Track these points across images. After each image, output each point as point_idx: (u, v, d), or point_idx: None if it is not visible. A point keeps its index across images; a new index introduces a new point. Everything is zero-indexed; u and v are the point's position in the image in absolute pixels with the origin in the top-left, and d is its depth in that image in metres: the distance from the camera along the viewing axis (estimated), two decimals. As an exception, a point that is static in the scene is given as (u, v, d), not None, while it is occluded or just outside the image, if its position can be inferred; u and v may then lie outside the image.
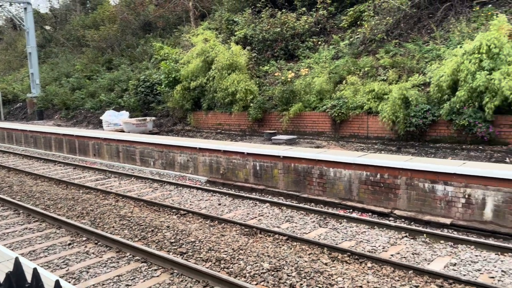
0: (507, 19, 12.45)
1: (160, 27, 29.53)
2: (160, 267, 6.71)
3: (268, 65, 18.16)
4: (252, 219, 9.13)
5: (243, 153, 12.05)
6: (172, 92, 18.90)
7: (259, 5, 20.11)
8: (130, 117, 20.61)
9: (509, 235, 7.53)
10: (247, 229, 8.32)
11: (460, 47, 11.47)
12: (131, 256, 7.20)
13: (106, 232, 8.36)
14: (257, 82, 17.18)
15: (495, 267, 6.33)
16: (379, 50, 15.28)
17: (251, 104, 16.03)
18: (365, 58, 15.21)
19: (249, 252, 7.13)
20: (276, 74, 16.99)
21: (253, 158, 11.81)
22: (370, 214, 9.20)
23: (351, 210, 9.50)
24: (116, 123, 19.93)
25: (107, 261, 7.05)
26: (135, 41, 29.87)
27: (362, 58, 15.41)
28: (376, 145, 12.56)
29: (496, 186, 7.77)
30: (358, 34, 16.69)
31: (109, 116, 20.28)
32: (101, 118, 20.85)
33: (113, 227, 8.80)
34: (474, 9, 14.48)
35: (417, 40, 14.67)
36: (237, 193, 11.15)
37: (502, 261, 6.55)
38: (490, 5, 14.36)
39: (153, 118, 19.61)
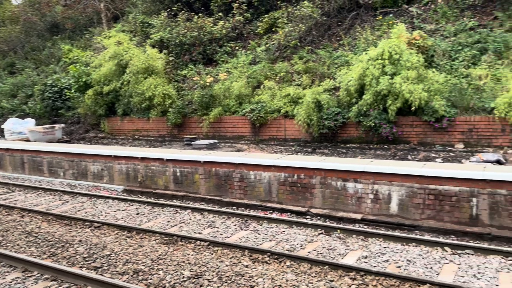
0: (406, 28, 13.67)
1: (69, 29, 27.75)
2: (72, 284, 6.26)
3: (187, 69, 17.95)
4: (173, 227, 8.92)
5: (162, 159, 11.74)
6: (83, 97, 17.84)
7: (175, 8, 19.82)
8: (37, 124, 19.04)
9: (413, 226, 8.22)
10: (167, 238, 8.10)
11: (366, 53, 12.33)
12: (39, 275, 6.63)
13: (10, 250, 7.61)
14: (176, 87, 16.89)
15: (401, 257, 6.87)
16: (293, 56, 15.88)
17: (170, 109, 15.70)
18: (281, 63, 15.71)
19: (169, 261, 6.94)
20: (195, 78, 16.84)
21: (173, 164, 11.57)
22: (289, 213, 9.49)
23: (271, 211, 9.71)
24: (20, 131, 18.27)
25: (11, 282, 6.42)
26: (41, 44, 27.73)
27: (278, 63, 15.89)
28: (293, 147, 13.00)
29: (399, 181, 8.45)
30: (273, 41, 17.18)
31: (12, 125, 18.53)
32: (2, 126, 18.99)
33: (18, 244, 8.04)
34: (377, 18, 15.68)
35: (328, 47, 15.50)
36: (157, 201, 10.82)
37: (407, 251, 7.12)
38: (391, 15, 15.66)
39: (63, 125, 18.34)
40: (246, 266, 6.66)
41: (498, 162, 9.19)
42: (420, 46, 12.28)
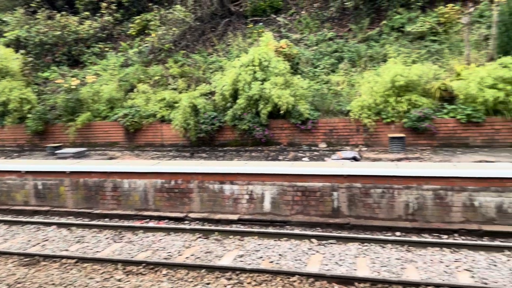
0: (274, 36, 14.52)
1: None
2: None
3: (49, 71, 16.35)
4: (34, 246, 8.01)
5: (19, 171, 10.48)
6: None
7: (33, 4, 17.93)
8: None
9: (284, 222, 8.74)
10: (27, 259, 7.25)
11: (238, 59, 12.75)
12: None
13: None
14: (36, 90, 15.26)
15: (274, 252, 7.24)
16: (168, 59, 15.65)
17: (29, 115, 14.11)
18: (155, 66, 15.34)
19: (29, 285, 6.21)
20: (58, 81, 15.41)
21: (33, 176, 10.41)
22: (167, 221, 9.28)
23: (148, 220, 9.38)
24: None
25: None
26: None
27: (152, 66, 15.49)
28: (171, 152, 12.78)
29: (271, 181, 8.91)
30: (146, 43, 16.70)
31: None
32: None
33: None
34: (248, 26, 16.36)
35: (203, 52, 15.64)
36: (14, 219, 9.61)
37: (279, 246, 7.53)
38: (261, 23, 16.49)
39: None
40: (119, 280, 6.31)
41: (355, 158, 10.31)
42: (287, 54, 13.16)
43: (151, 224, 9.05)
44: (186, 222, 9.16)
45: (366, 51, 13.99)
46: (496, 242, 7.19)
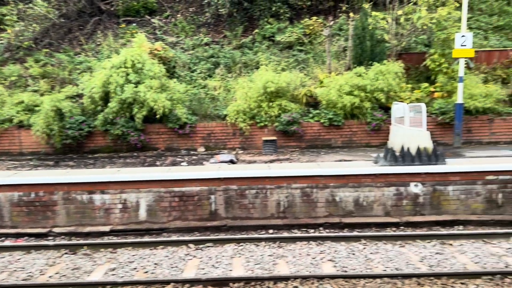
0: (149, 38, 14.12)
1: None
2: None
3: None
4: None
5: None
6: None
7: None
8: None
9: (161, 230, 8.50)
10: None
11: (109, 60, 12.07)
12: None
13: None
14: None
15: (149, 261, 6.99)
16: (27, 58, 14.07)
17: None
18: (12, 66, 13.67)
19: None
20: None
21: None
22: (26, 238, 8.30)
23: (3, 238, 8.27)
24: None
25: None
26: None
27: (8, 66, 13.76)
28: (31, 161, 11.48)
29: (147, 188, 8.61)
30: (1, 40, 14.79)
31: None
32: None
33: None
34: (121, 26, 15.62)
35: (69, 51, 14.44)
36: None
37: (154, 254, 7.30)
38: (134, 24, 15.88)
39: None
40: (-37, 312, 5.43)
41: (232, 161, 10.57)
42: (162, 57, 12.91)
43: (8, 242, 8.00)
44: (50, 238, 8.31)
45: (241, 58, 14.48)
46: (354, 233, 8.04)
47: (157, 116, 11.40)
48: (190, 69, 14.18)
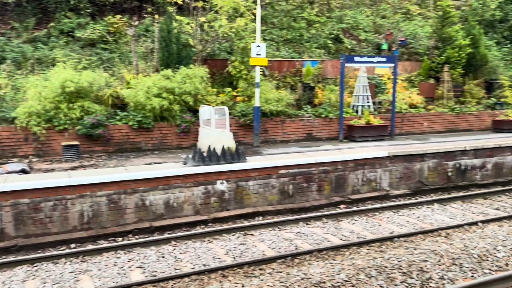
0: None
1: None
2: None
3: None
4: None
5: None
6: None
7: None
8: None
9: None
10: None
11: None
12: None
13: None
14: None
15: None
16: None
17: None
18: None
19: None
20: None
21: None
22: None
23: None
24: None
25: None
26: None
27: None
28: None
29: None
30: None
31: None
32: None
33: None
34: None
35: None
36: None
37: None
38: None
39: None
40: None
41: (24, 171, 9.20)
42: None
43: None
44: None
45: (33, 53, 12.77)
46: (165, 235, 7.99)
47: None
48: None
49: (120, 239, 7.95)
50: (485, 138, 13.50)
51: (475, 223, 8.48)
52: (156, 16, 14.05)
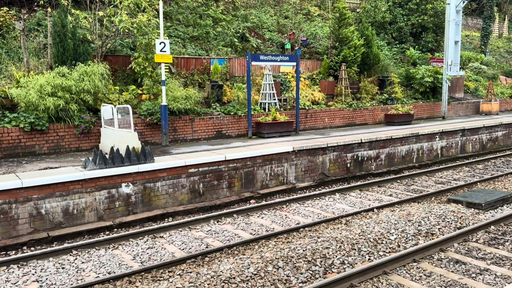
0: None
1: None
2: None
3: None
4: None
5: None
6: None
7: None
8: None
9: None
10: None
11: None
12: None
13: None
14: None
15: None
16: None
17: None
18: None
19: None
20: None
21: None
22: None
23: None
24: None
25: None
26: None
27: None
28: None
29: None
30: None
31: None
32: None
33: None
34: None
35: None
36: None
37: None
38: None
39: None
40: None
41: None
42: None
43: None
44: None
45: None
46: (64, 245, 7.43)
47: None
48: None
49: (13, 252, 7.21)
50: (379, 131, 14.75)
51: (371, 210, 9.23)
52: (49, 10, 12.94)
